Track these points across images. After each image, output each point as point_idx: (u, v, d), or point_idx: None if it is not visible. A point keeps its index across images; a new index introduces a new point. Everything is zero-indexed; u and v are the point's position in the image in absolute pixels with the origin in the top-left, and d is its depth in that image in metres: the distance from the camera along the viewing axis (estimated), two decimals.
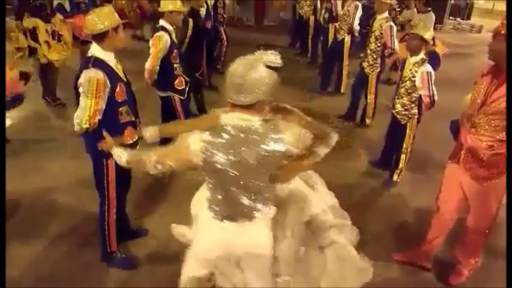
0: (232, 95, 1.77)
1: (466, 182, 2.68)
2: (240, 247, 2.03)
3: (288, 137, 1.84)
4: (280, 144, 1.82)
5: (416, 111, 3.89)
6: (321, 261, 2.23)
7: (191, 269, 2.17)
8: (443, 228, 2.98)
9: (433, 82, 3.68)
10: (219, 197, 1.96)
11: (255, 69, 1.76)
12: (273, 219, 2.06)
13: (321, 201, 2.28)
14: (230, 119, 1.83)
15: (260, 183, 1.92)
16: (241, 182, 1.88)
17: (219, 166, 1.82)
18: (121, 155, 2.07)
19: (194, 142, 1.82)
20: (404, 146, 4.04)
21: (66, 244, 3.19)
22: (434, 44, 6.29)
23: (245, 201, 1.94)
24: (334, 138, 2.09)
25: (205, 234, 2.09)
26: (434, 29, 7.95)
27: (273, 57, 1.93)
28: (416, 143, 4.17)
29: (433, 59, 6.38)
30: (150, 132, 2.29)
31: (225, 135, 1.80)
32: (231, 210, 1.98)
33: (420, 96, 3.77)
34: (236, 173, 1.84)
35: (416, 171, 4.40)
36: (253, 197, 1.94)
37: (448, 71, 6.19)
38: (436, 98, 3.70)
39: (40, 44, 4.99)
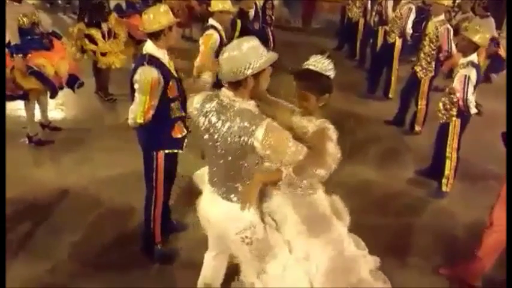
0: (221, 69, 1.88)
1: None
2: (210, 216, 2.15)
3: (259, 135, 1.79)
4: (247, 134, 1.82)
5: (455, 113, 3.74)
6: None
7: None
8: (495, 246, 2.81)
9: (469, 87, 3.57)
10: (207, 158, 2.10)
11: (240, 49, 1.81)
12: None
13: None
14: (220, 90, 1.97)
15: (229, 171, 1.97)
16: (215, 155, 1.98)
17: (201, 127, 1.99)
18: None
19: (195, 101, 2.02)
20: (448, 150, 3.88)
21: (108, 234, 3.29)
22: (498, 47, 5.96)
23: (217, 175, 2.04)
24: (320, 176, 1.88)
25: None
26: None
27: (321, 63, 2.11)
28: (468, 152, 3.97)
29: (497, 62, 6.06)
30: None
31: (208, 102, 1.96)
32: (212, 177, 2.09)
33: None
34: (212, 138, 1.94)
35: (467, 181, 4.19)
36: (221, 179, 2.02)
37: (505, 79, 5.85)
38: (470, 103, 3.60)
39: (95, 52, 5.23)
